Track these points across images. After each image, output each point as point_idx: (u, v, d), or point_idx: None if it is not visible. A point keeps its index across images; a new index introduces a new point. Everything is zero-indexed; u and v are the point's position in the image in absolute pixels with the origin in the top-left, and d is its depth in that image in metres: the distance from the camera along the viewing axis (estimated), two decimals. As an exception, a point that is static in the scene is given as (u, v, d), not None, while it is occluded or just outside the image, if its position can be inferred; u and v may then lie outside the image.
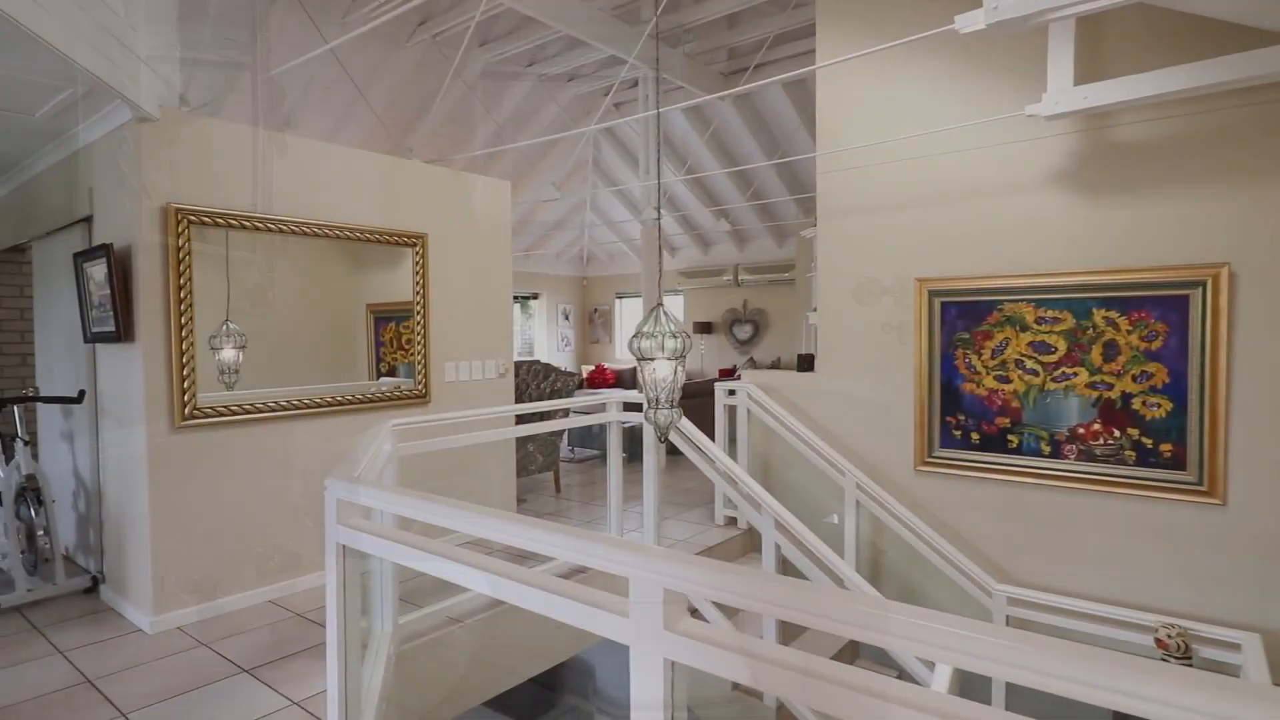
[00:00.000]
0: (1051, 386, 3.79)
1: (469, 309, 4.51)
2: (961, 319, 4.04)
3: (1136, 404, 3.58)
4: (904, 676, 3.98)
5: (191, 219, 3.25)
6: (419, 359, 4.21)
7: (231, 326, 3.49)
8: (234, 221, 3.40)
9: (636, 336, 2.68)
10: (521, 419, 4.49)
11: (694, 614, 1.13)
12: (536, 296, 13.00)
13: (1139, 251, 3.56)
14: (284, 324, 3.76)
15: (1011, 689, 3.52)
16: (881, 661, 4.13)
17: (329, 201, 3.78)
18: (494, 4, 5.40)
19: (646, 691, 1.07)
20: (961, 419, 4.06)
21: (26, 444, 3.61)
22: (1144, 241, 3.55)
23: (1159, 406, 3.53)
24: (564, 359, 13.35)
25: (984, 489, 4.00)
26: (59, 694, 2.61)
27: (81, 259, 3.49)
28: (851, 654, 4.17)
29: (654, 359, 2.67)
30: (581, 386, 11.18)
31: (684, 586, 1.04)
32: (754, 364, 10.88)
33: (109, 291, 3.24)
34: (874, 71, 4.33)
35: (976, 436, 4.01)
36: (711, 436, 4.21)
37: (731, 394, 4.85)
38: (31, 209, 4.27)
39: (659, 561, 1.05)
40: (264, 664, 2.83)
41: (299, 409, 3.66)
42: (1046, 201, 3.80)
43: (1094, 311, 3.67)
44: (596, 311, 13.59)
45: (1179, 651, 3.28)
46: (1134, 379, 3.58)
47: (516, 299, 12.14)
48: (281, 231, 3.58)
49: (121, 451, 3.41)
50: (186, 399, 3.25)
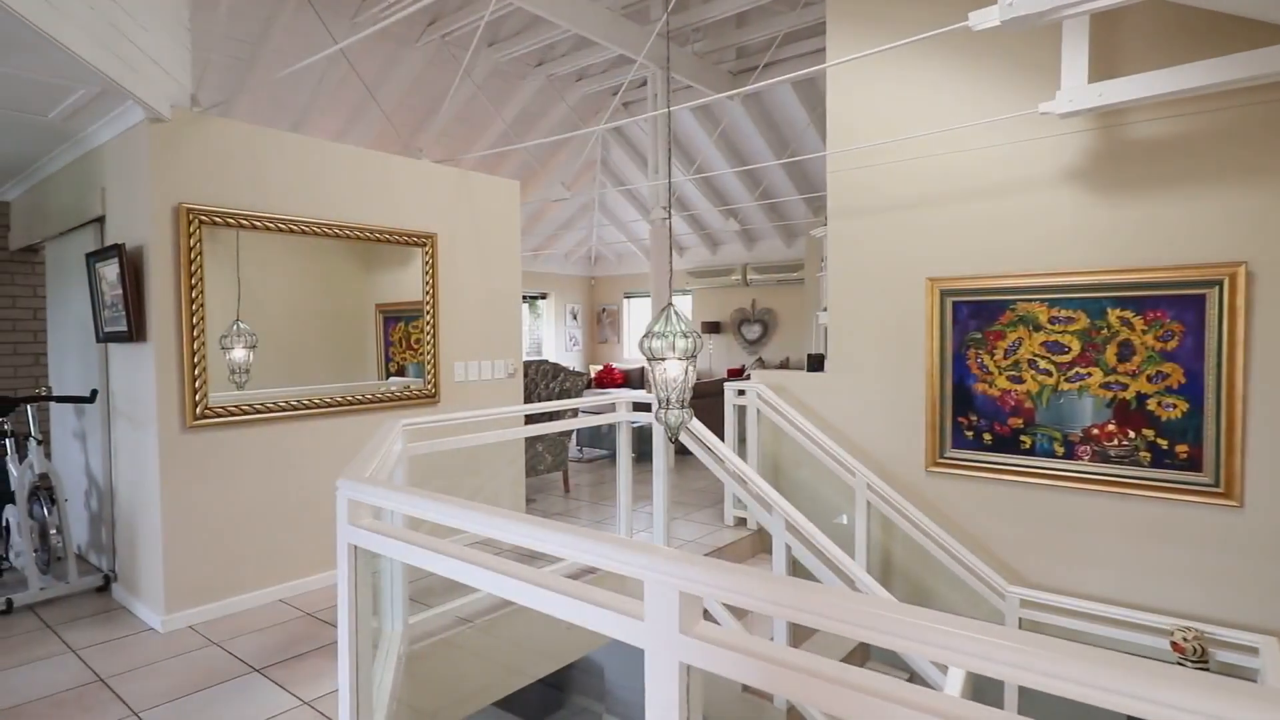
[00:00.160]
0: (1065, 387, 3.76)
1: (478, 309, 4.51)
2: (973, 318, 4.01)
3: (1152, 404, 3.55)
4: (915, 678, 3.96)
5: (203, 219, 3.26)
6: (429, 359, 4.21)
7: (242, 326, 3.50)
8: (244, 221, 3.41)
9: (647, 336, 2.67)
10: (531, 419, 4.48)
11: (704, 615, 1.12)
12: (545, 296, 13.01)
13: (1154, 250, 3.52)
14: (294, 324, 3.76)
15: (1024, 692, 3.49)
16: (892, 663, 4.11)
17: (339, 201, 3.79)
18: (503, 3, 5.40)
19: (662, 696, 1.05)
20: (973, 419, 4.03)
21: (40, 443, 3.63)
22: (1159, 240, 3.51)
23: (1175, 407, 3.49)
24: (572, 359, 13.35)
25: (996, 490, 3.97)
26: (71, 692, 2.62)
27: (94, 259, 3.51)
28: (862, 655, 4.15)
29: (665, 359, 2.66)
30: (590, 386, 11.18)
31: (700, 589, 1.03)
32: (763, 364, 10.85)
33: (121, 291, 3.25)
34: (885, 70, 4.30)
35: (989, 437, 3.98)
36: (721, 436, 4.19)
37: (741, 394, 4.83)
38: (45, 209, 4.30)
39: (674, 564, 1.04)
40: (275, 663, 2.84)
41: (309, 409, 3.67)
42: (1060, 200, 3.76)
43: (1108, 311, 3.63)
44: (604, 311, 13.58)
45: (1195, 655, 3.24)
46: (1149, 379, 3.55)
47: (524, 299, 12.15)
48: (292, 231, 3.58)
49: (133, 451, 3.42)
50: (198, 399, 3.26)
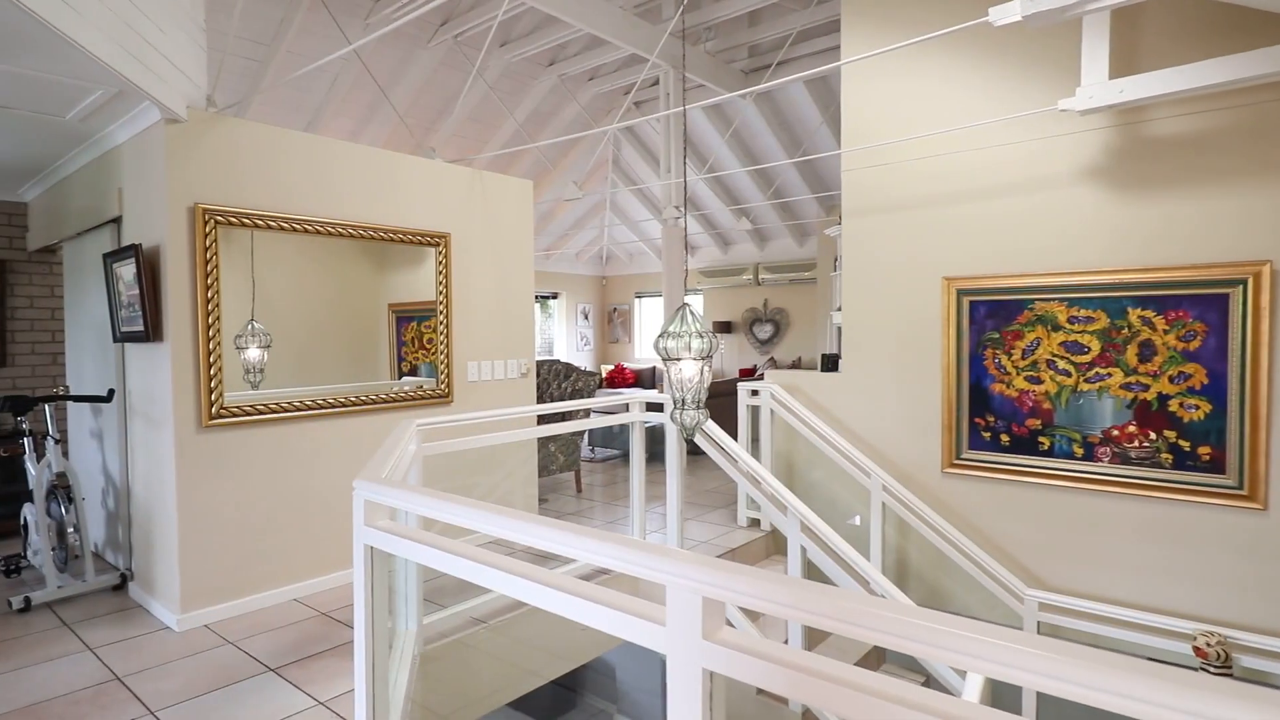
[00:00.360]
0: (1084, 387, 3.71)
1: (491, 308, 4.51)
2: (991, 318, 3.97)
3: (1174, 405, 3.49)
4: (931, 681, 3.92)
5: (218, 219, 3.27)
6: (442, 359, 4.21)
7: (256, 326, 3.51)
8: (259, 221, 3.41)
9: (662, 336, 2.65)
10: (544, 419, 4.47)
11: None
12: (556, 296, 13.01)
13: (1176, 249, 3.47)
14: (307, 323, 3.77)
15: (1042, 696, 3.45)
16: (908, 666, 4.07)
17: (353, 202, 3.79)
18: (516, 3, 5.40)
19: (685, 702, 1.04)
20: (991, 420, 3.98)
21: (57, 442, 3.66)
22: (1181, 238, 3.46)
23: (1197, 408, 3.44)
24: (583, 359, 13.35)
25: (1014, 492, 3.92)
26: (88, 691, 2.63)
27: (111, 259, 3.53)
28: (877, 658, 4.11)
29: (680, 359, 2.64)
30: (601, 386, 11.17)
31: (723, 595, 1.01)
32: (774, 364, 10.80)
33: (138, 291, 3.26)
34: (900, 67, 4.26)
35: (1006, 438, 3.93)
36: (734, 437, 4.17)
37: (755, 394, 4.80)
38: (62, 210, 4.33)
39: (698, 569, 1.02)
40: (289, 663, 2.84)
41: (323, 409, 3.68)
42: (1079, 198, 3.71)
43: (1129, 310, 3.58)
44: (616, 311, 13.57)
45: (1218, 660, 3.19)
46: (1171, 380, 3.49)
47: (536, 298, 12.16)
48: (306, 231, 3.59)
49: (149, 450, 3.44)
50: (213, 398, 3.27)
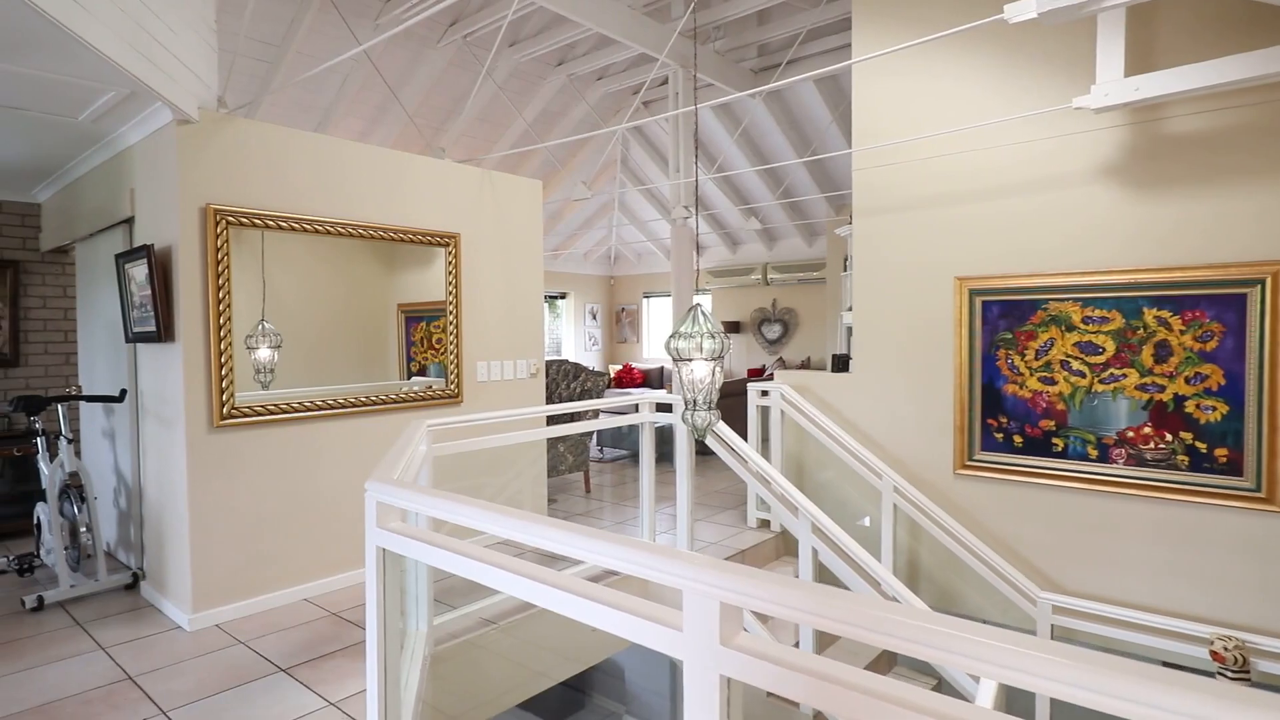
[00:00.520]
0: (1099, 388, 3.67)
1: (501, 309, 4.51)
2: (1004, 318, 3.93)
3: (1190, 407, 3.45)
4: (943, 684, 3.90)
5: (229, 219, 3.28)
6: (451, 359, 4.21)
7: (267, 326, 3.51)
8: (270, 222, 3.42)
9: (674, 337, 2.64)
10: (554, 420, 4.47)
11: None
12: (564, 296, 13.02)
13: (1193, 248, 3.43)
14: (316, 324, 3.78)
15: (1057, 702, 3.41)
16: (919, 669, 4.04)
17: (364, 202, 3.80)
18: (525, 3, 5.39)
19: (702, 709, 1.02)
20: (1004, 421, 3.95)
21: (70, 442, 3.67)
22: (1198, 238, 3.42)
23: (1214, 409, 3.40)
24: (591, 359, 13.35)
25: (1027, 493, 3.89)
26: (101, 690, 2.63)
27: (123, 259, 3.54)
28: (887, 661, 4.08)
29: (691, 360, 2.63)
30: (609, 386, 11.16)
31: (742, 600, 0.99)
32: (783, 364, 10.77)
33: (150, 292, 3.27)
34: (912, 65, 4.23)
35: (1019, 439, 3.90)
36: (744, 437, 4.15)
37: (765, 395, 4.78)
38: (75, 211, 4.35)
39: (715, 574, 1.01)
40: (300, 663, 2.84)
41: (333, 409, 3.68)
42: (1094, 197, 3.67)
43: (1144, 311, 3.54)
44: (623, 311, 13.56)
45: (1236, 665, 3.15)
46: (1187, 381, 3.45)
47: (545, 298, 12.16)
48: (317, 232, 3.59)
49: (161, 450, 3.45)
50: (225, 399, 3.27)
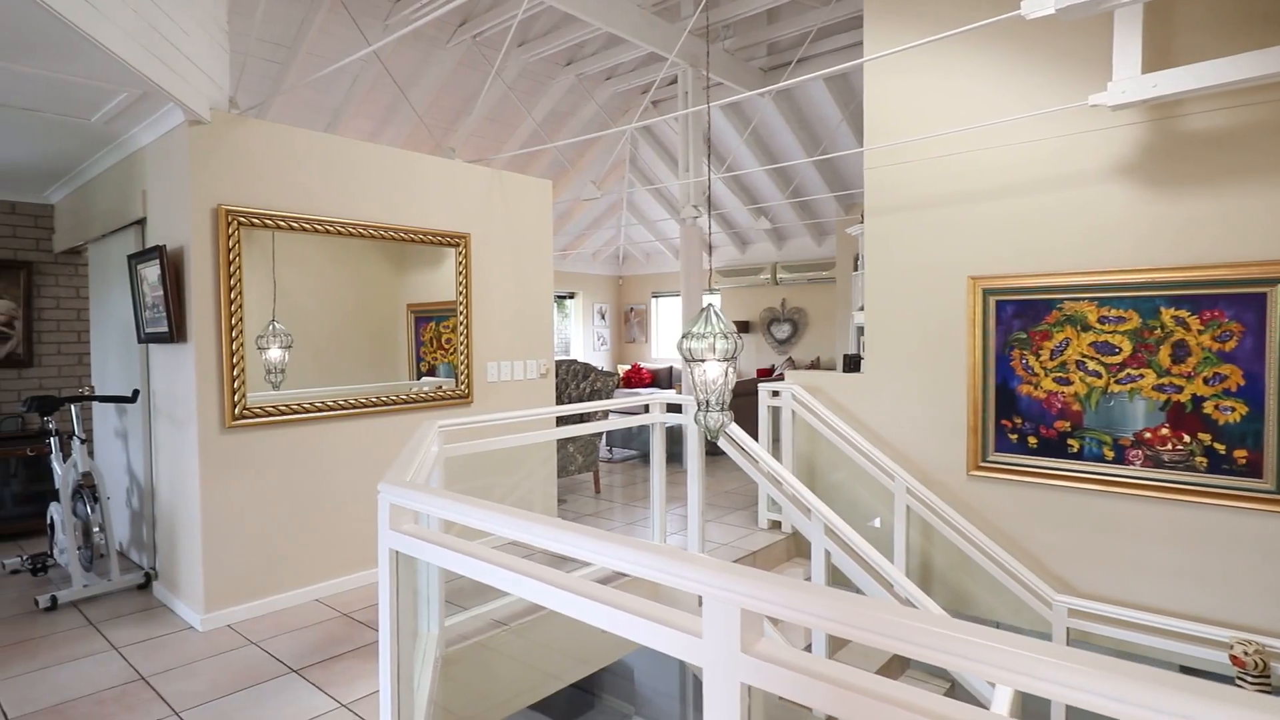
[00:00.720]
0: (1115, 389, 3.63)
1: (511, 309, 4.50)
2: (1018, 318, 3.90)
3: (1208, 408, 3.40)
4: (956, 687, 3.86)
5: (241, 220, 3.28)
6: (462, 359, 4.20)
7: (278, 326, 3.51)
8: (281, 223, 3.42)
9: (686, 337, 2.62)
10: (564, 420, 4.45)
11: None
12: (572, 296, 13.01)
13: (1211, 247, 3.38)
14: (327, 324, 3.78)
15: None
16: (932, 672, 4.01)
17: (374, 202, 3.79)
18: (534, 2, 5.38)
19: (722, 718, 1.00)
20: (1018, 422, 3.91)
21: (83, 442, 3.69)
22: (1216, 236, 3.37)
23: (1233, 410, 3.35)
24: (600, 358, 13.34)
25: (1042, 495, 3.85)
26: (114, 690, 2.64)
27: (135, 260, 3.55)
28: (900, 665, 4.05)
29: (704, 360, 2.61)
30: (618, 386, 11.16)
31: (763, 607, 0.98)
32: (793, 364, 10.73)
33: (162, 293, 3.28)
34: (924, 63, 4.20)
35: (1034, 440, 3.86)
36: (755, 438, 4.12)
37: (776, 395, 4.75)
38: (88, 212, 4.37)
39: (736, 580, 0.99)
40: (312, 664, 2.84)
41: (344, 409, 3.68)
42: (1110, 195, 3.63)
43: (1162, 310, 3.50)
44: (632, 311, 13.55)
45: (1256, 670, 3.10)
46: (1205, 381, 3.41)
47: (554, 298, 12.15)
48: (328, 233, 3.59)
49: (173, 450, 3.46)
50: (236, 399, 3.28)
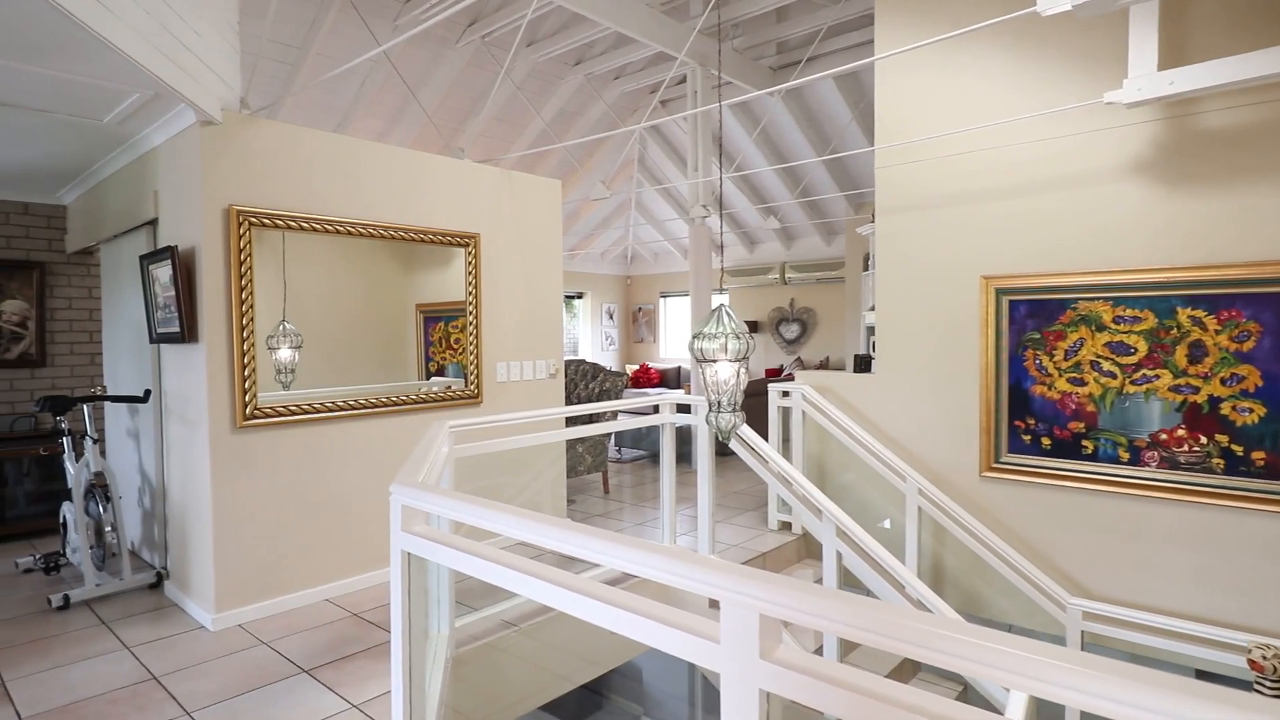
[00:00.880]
0: (1130, 390, 3.59)
1: (520, 309, 4.49)
2: (1031, 318, 3.86)
3: (1225, 409, 3.36)
4: (969, 690, 3.83)
5: (252, 220, 3.28)
6: (471, 359, 4.20)
7: (288, 326, 3.52)
8: (292, 223, 3.42)
9: (697, 338, 2.60)
10: (574, 420, 4.44)
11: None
12: (581, 296, 13.01)
13: (1228, 246, 3.34)
14: (337, 324, 3.78)
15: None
16: (943, 675, 3.98)
17: (385, 203, 3.79)
18: (544, 2, 5.37)
19: (741, 724, 0.99)
20: (1031, 423, 3.87)
21: (95, 442, 3.70)
22: (1233, 235, 3.33)
23: (1251, 411, 3.30)
24: (608, 358, 13.33)
25: (1056, 497, 3.81)
26: (126, 690, 2.65)
27: (147, 261, 3.56)
28: (911, 668, 4.02)
29: (715, 361, 2.59)
30: (626, 386, 11.14)
31: (783, 613, 0.96)
32: (802, 364, 10.69)
33: (173, 293, 3.29)
34: (936, 61, 4.16)
35: (1048, 441, 3.82)
36: (764, 438, 4.10)
37: (786, 395, 4.73)
38: (100, 213, 4.39)
39: (755, 585, 0.97)
40: (323, 664, 2.84)
41: (354, 409, 3.68)
42: (1125, 194, 3.59)
43: (1178, 310, 3.45)
44: (640, 311, 13.53)
45: (1275, 675, 3.06)
46: (1223, 382, 3.36)
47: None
48: (339, 233, 3.59)
49: (185, 450, 3.47)
50: (247, 399, 3.28)
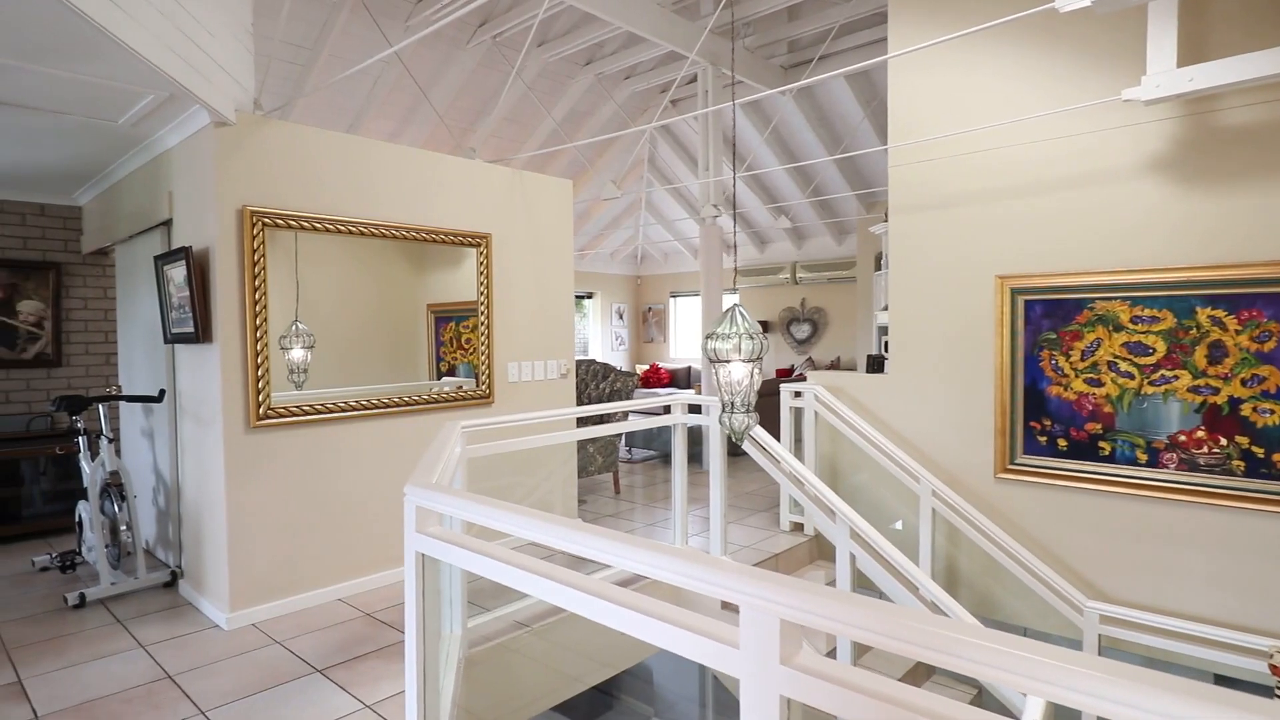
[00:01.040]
0: (1149, 390, 3.55)
1: (531, 309, 4.49)
2: (1047, 318, 3.82)
3: (1246, 410, 3.31)
4: (983, 693, 3.80)
5: (265, 221, 3.29)
6: (483, 359, 4.20)
7: (300, 327, 3.53)
8: (304, 223, 3.43)
9: (711, 338, 2.59)
10: (585, 421, 4.44)
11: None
12: (591, 296, 13.01)
13: (1249, 245, 3.29)
14: (348, 324, 3.79)
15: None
16: (957, 678, 3.94)
17: (397, 203, 3.80)
18: (555, 2, 5.37)
19: (761, 731, 0.98)
20: (1047, 424, 3.83)
21: (111, 441, 3.72)
22: (1254, 234, 3.28)
23: (1272, 413, 3.25)
24: (618, 358, 13.33)
25: (1073, 499, 3.77)
26: (140, 689, 2.66)
27: (162, 261, 3.58)
28: (925, 671, 3.99)
29: (729, 361, 2.58)
30: (636, 386, 11.12)
31: (805, 618, 0.95)
32: (813, 364, 10.65)
33: (188, 293, 3.30)
34: (950, 59, 4.13)
35: (1064, 443, 3.78)
36: (776, 439, 4.08)
37: (798, 395, 4.71)
38: (115, 213, 4.42)
39: (776, 589, 0.96)
40: (336, 664, 2.84)
41: (367, 409, 3.69)
42: (1143, 192, 3.55)
43: (1197, 310, 3.41)
44: (650, 311, 13.52)
45: (1297, 680, 3.01)
46: (1243, 383, 3.32)
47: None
48: (351, 233, 3.60)
49: (199, 450, 3.48)
50: (261, 399, 3.29)
